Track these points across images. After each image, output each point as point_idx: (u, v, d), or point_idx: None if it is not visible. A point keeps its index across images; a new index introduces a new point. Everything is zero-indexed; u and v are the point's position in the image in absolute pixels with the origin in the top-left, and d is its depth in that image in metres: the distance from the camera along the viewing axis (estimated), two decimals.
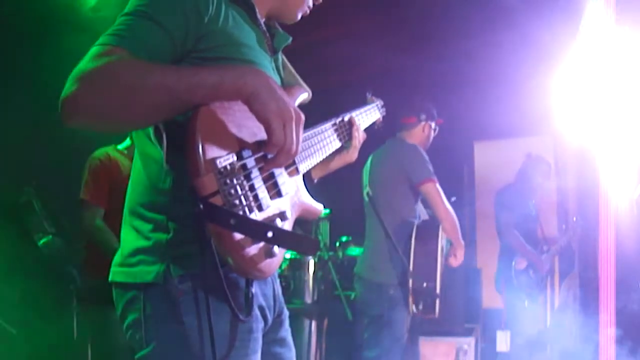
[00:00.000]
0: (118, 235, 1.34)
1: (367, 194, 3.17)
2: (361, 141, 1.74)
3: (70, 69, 1.13)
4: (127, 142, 3.15)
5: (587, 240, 4.14)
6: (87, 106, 1.09)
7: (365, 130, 1.80)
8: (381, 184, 3.18)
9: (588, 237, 4.09)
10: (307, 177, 1.64)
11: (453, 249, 3.16)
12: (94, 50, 1.14)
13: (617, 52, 3.42)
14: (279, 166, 1.24)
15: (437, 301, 2.92)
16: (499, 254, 4.47)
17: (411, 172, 3.10)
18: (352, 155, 1.72)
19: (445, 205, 3.05)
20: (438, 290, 2.91)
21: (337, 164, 1.72)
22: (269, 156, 1.20)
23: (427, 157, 3.14)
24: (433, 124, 3.31)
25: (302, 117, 1.21)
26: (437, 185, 3.06)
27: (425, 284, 2.89)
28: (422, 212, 3.27)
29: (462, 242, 3.16)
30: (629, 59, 3.40)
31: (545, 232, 4.61)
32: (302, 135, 1.21)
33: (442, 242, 3.19)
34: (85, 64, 1.11)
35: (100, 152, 3.11)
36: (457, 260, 3.16)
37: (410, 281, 2.91)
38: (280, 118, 1.15)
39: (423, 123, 3.27)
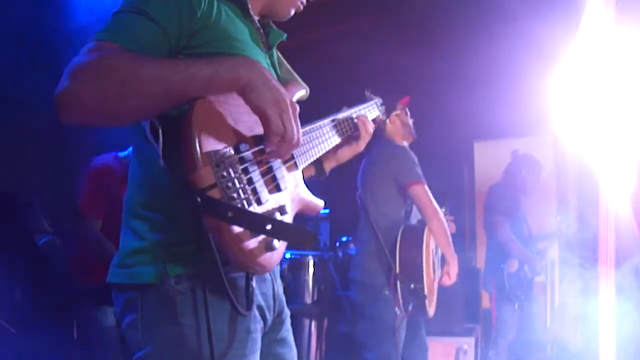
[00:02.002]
0: (116, 245, 1.33)
1: (359, 196, 3.16)
2: (370, 132, 1.75)
3: None
4: (130, 149, 3.13)
5: (587, 239, 4.13)
6: (82, 100, 1.08)
7: None
8: (370, 186, 3.14)
9: (588, 236, 4.08)
10: (319, 170, 1.66)
11: (447, 267, 3.09)
12: (87, 45, 1.13)
13: (617, 51, 3.41)
14: (281, 157, 1.23)
15: (427, 302, 2.89)
16: (485, 253, 4.38)
17: (398, 174, 3.07)
18: (361, 145, 1.74)
19: (433, 206, 3.00)
20: (426, 292, 2.87)
21: (346, 154, 1.74)
22: (268, 149, 1.19)
23: (415, 160, 3.11)
24: (398, 111, 3.16)
25: (297, 107, 1.21)
26: (425, 187, 3.02)
27: (412, 286, 2.86)
28: (418, 215, 3.25)
29: (455, 255, 3.09)
30: (628, 58, 3.39)
31: (543, 232, 4.60)
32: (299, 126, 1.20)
33: (434, 243, 3.14)
34: (78, 58, 1.11)
35: (98, 161, 3.07)
36: (450, 279, 3.08)
37: (398, 282, 2.89)
38: (276, 107, 1.14)
39: (386, 120, 3.22)
